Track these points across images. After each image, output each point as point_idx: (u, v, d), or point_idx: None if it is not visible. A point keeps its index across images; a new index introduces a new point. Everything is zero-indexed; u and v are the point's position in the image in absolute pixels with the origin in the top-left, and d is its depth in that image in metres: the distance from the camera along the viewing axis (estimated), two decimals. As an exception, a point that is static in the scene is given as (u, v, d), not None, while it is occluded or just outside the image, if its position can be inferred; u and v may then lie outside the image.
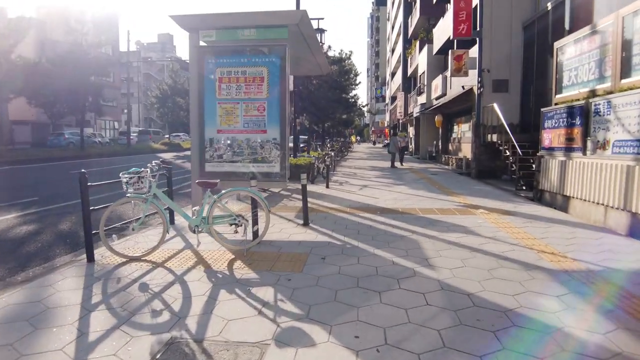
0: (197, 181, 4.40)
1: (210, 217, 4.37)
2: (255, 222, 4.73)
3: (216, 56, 6.04)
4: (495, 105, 11.66)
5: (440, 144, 21.63)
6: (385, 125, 59.45)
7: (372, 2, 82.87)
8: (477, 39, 12.81)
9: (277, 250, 4.58)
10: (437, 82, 20.49)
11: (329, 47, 21.86)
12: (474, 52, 13.69)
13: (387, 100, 54.11)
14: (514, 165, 10.84)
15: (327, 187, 10.33)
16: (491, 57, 12.85)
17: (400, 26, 36.24)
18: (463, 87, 14.40)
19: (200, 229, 4.39)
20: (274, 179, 5.98)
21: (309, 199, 8.71)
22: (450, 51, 13.82)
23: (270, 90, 5.90)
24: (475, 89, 13.54)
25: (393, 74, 46.03)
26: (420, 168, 16.23)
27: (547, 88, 11.56)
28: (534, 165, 10.84)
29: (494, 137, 12.06)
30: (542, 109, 8.35)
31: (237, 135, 6.04)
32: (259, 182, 6.02)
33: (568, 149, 7.19)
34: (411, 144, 26.82)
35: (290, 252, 4.52)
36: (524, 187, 10.15)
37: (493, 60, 12.84)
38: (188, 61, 7.25)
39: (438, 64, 22.63)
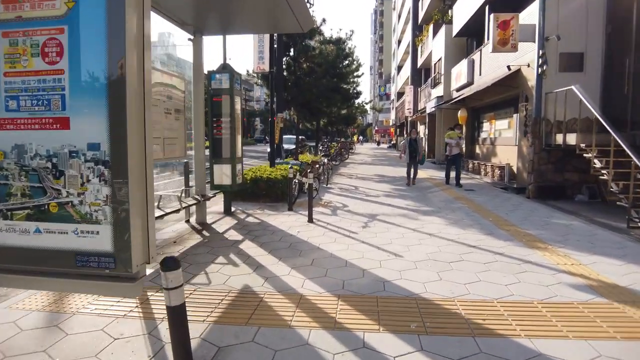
0: None
1: None
2: None
3: None
4: (575, 89, 7.52)
5: (464, 146, 17.41)
6: (390, 124, 55.31)
7: (376, -4, 78.45)
8: (537, -7, 8.67)
9: None
10: (460, 68, 16.37)
11: (324, 20, 17.55)
12: (524, 18, 9.55)
13: (393, 96, 49.92)
14: (614, 185, 6.71)
15: (311, 220, 6.23)
16: (558, 21, 8.70)
17: (408, 12, 32.33)
18: (509, 67, 10.23)
19: None
20: (98, 267, 1.88)
21: (267, 254, 4.01)
22: (492, 16, 9.63)
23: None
24: (529, 70, 9.41)
25: (399, 68, 41.90)
26: (444, 179, 11.92)
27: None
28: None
29: (570, 139, 7.92)
30: None
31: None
32: (43, 283, 1.93)
33: None
34: (424, 145, 22.19)
35: None
36: (641, 223, 6.03)
37: (560, 26, 8.69)
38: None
39: (459, 48, 18.69)
